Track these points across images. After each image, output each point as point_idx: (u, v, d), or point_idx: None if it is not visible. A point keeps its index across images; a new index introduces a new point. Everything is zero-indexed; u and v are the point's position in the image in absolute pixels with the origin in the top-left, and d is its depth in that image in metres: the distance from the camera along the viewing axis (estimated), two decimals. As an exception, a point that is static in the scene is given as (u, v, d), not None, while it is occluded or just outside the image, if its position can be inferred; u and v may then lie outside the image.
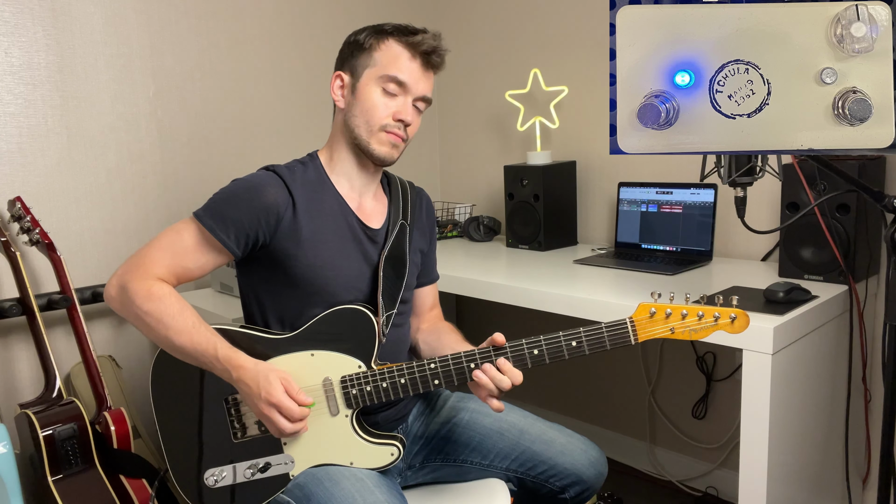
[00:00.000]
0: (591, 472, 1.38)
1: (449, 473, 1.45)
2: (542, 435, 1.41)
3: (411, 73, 1.33)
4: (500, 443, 1.41)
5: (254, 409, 1.21)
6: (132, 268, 1.27)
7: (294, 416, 1.19)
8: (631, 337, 1.19)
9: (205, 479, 1.30)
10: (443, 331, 1.50)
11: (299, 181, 1.33)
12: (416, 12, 2.81)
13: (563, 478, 1.38)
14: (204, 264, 1.30)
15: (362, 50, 1.34)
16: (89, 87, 2.04)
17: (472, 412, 1.46)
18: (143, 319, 1.24)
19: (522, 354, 1.23)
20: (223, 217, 1.27)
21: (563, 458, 1.38)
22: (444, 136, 2.93)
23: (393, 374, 1.27)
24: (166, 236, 1.30)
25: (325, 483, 1.23)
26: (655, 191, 2.13)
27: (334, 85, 1.37)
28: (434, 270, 1.59)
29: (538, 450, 1.39)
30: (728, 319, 1.16)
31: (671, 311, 1.17)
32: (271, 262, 1.32)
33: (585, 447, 1.41)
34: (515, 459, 1.40)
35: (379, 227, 1.41)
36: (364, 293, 1.37)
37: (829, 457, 1.74)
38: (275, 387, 1.18)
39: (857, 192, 1.62)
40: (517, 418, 1.44)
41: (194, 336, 1.22)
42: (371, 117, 1.33)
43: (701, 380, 2.25)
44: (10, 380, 1.97)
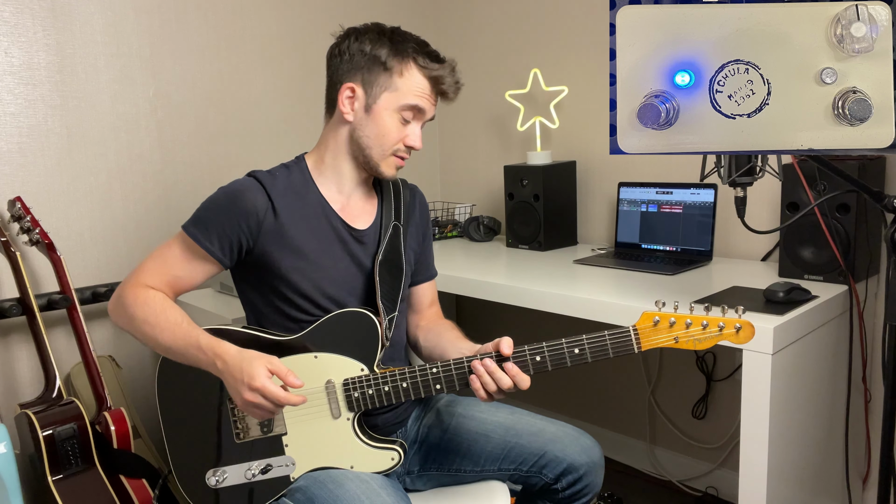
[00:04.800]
0: (582, 459, 1.34)
1: (446, 482, 1.44)
2: (530, 427, 1.39)
3: (430, 103, 1.35)
4: (488, 445, 1.39)
5: (236, 398, 1.18)
6: (127, 281, 1.32)
7: (279, 400, 1.16)
8: (634, 346, 1.19)
9: (206, 479, 1.31)
10: (443, 328, 1.49)
11: (280, 185, 1.34)
12: (417, 12, 2.81)
13: (555, 466, 1.35)
14: (194, 274, 1.33)
15: (383, 69, 1.31)
16: (89, 87, 2.04)
17: (459, 417, 1.44)
18: (135, 325, 1.27)
19: (525, 361, 1.22)
20: (206, 225, 1.30)
21: (552, 445, 1.35)
22: (444, 136, 2.93)
23: (395, 378, 1.27)
24: (159, 249, 1.34)
25: (329, 485, 1.22)
26: (655, 191, 2.13)
27: (343, 96, 1.33)
28: (431, 267, 1.59)
29: (526, 443, 1.37)
30: (733, 329, 1.15)
31: (675, 321, 1.17)
32: (260, 267, 1.33)
33: (577, 434, 1.38)
34: (505, 458, 1.38)
35: (366, 228, 1.40)
36: (357, 295, 1.37)
37: (829, 457, 1.74)
38: (258, 371, 1.15)
39: (857, 192, 1.62)
40: (504, 416, 1.43)
41: (176, 332, 1.24)
42: (385, 143, 1.33)
43: (701, 380, 2.25)
44: (10, 380, 1.97)
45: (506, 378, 1.20)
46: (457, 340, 1.41)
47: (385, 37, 1.33)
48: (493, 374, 1.21)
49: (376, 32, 1.34)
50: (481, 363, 1.22)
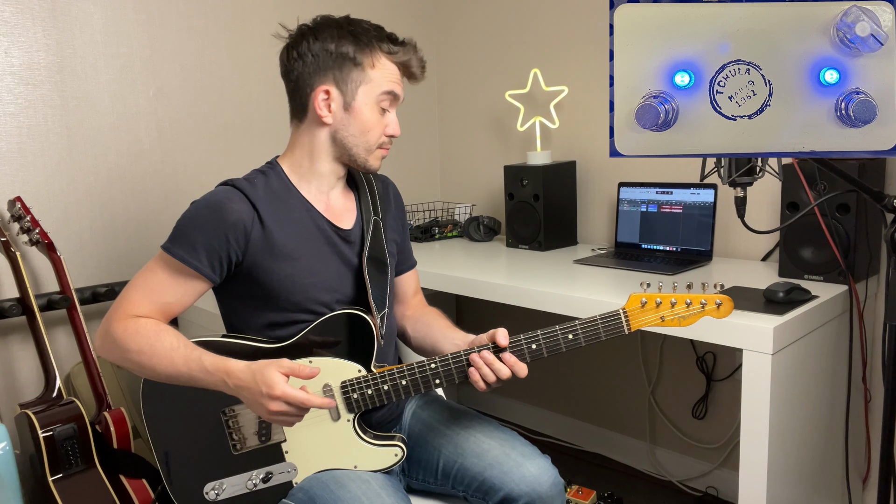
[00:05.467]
0: (521, 489, 1.25)
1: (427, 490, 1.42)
2: (475, 447, 1.32)
3: (401, 87, 1.35)
4: (441, 461, 1.35)
5: (260, 412, 1.15)
6: (112, 314, 1.24)
7: (303, 403, 1.13)
8: (624, 326, 1.21)
9: (205, 493, 1.28)
10: (431, 317, 1.48)
11: (261, 191, 1.29)
12: (417, 12, 2.80)
13: (493, 494, 1.28)
14: (183, 296, 1.25)
15: (353, 65, 1.28)
16: (89, 87, 2.04)
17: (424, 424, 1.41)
18: (129, 357, 1.21)
19: (521, 350, 1.22)
20: (191, 243, 1.22)
21: (490, 471, 1.28)
22: (444, 136, 2.93)
23: (394, 377, 1.26)
24: (140, 276, 1.26)
25: (331, 486, 1.22)
26: (655, 191, 2.12)
27: (318, 100, 1.28)
28: (411, 257, 1.57)
29: (469, 465, 1.31)
30: (714, 305, 1.19)
31: (661, 300, 1.20)
32: (249, 279, 1.28)
33: (522, 459, 1.29)
34: (454, 478, 1.34)
35: (351, 227, 1.38)
36: (347, 295, 1.35)
37: (829, 457, 1.74)
38: (274, 379, 1.12)
39: (857, 192, 1.62)
40: (458, 430, 1.37)
41: (175, 358, 1.18)
42: (370, 137, 1.32)
43: (701, 380, 2.25)
44: (10, 380, 1.97)
45: (504, 368, 1.20)
46: (447, 330, 1.41)
47: (344, 30, 1.29)
48: (491, 366, 1.21)
49: (334, 28, 1.29)
50: (479, 356, 1.22)
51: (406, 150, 2.80)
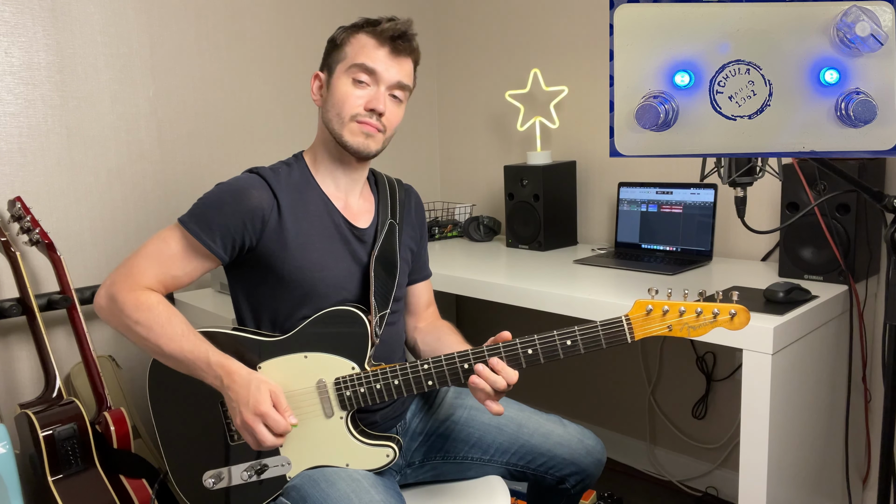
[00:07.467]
0: (588, 461, 1.42)
1: (449, 470, 1.46)
2: (540, 428, 1.44)
3: (380, 61, 1.32)
4: (500, 437, 1.43)
5: (236, 418, 1.20)
6: (120, 278, 1.27)
7: (279, 429, 1.18)
8: (627, 335, 1.17)
9: (204, 480, 1.31)
10: (442, 331, 1.49)
11: (284, 182, 1.33)
12: (417, 12, 2.80)
13: (562, 468, 1.42)
14: (191, 271, 1.30)
15: (335, 47, 1.35)
16: (89, 87, 2.04)
17: (470, 409, 1.47)
18: (133, 329, 1.24)
19: (517, 354, 1.21)
20: (208, 222, 1.27)
21: (560, 449, 1.41)
22: (444, 136, 2.93)
23: (387, 376, 1.26)
24: (152, 244, 1.29)
25: (321, 484, 1.23)
26: (655, 191, 2.12)
27: (314, 86, 1.39)
28: (426, 267, 1.59)
29: (536, 443, 1.42)
30: (727, 316, 1.12)
31: (668, 308, 1.14)
32: (259, 266, 1.31)
33: (582, 437, 1.44)
34: (515, 453, 1.43)
35: (366, 227, 1.40)
36: (354, 293, 1.37)
37: (829, 457, 1.74)
38: (265, 397, 1.18)
39: (857, 192, 1.62)
40: (514, 412, 1.46)
41: (184, 344, 1.22)
42: (342, 108, 1.32)
43: (701, 380, 2.25)
44: (10, 380, 1.97)
45: (500, 380, 1.20)
46: (457, 345, 1.41)
47: (348, 24, 1.37)
48: (487, 379, 1.21)
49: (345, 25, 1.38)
50: (475, 374, 1.21)
51: (406, 150, 2.80)
